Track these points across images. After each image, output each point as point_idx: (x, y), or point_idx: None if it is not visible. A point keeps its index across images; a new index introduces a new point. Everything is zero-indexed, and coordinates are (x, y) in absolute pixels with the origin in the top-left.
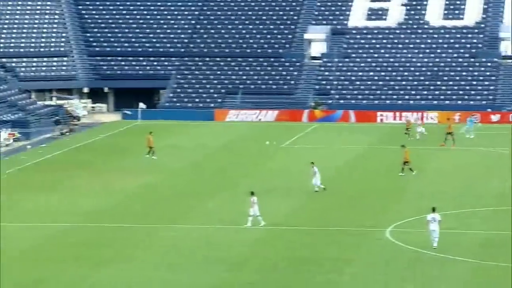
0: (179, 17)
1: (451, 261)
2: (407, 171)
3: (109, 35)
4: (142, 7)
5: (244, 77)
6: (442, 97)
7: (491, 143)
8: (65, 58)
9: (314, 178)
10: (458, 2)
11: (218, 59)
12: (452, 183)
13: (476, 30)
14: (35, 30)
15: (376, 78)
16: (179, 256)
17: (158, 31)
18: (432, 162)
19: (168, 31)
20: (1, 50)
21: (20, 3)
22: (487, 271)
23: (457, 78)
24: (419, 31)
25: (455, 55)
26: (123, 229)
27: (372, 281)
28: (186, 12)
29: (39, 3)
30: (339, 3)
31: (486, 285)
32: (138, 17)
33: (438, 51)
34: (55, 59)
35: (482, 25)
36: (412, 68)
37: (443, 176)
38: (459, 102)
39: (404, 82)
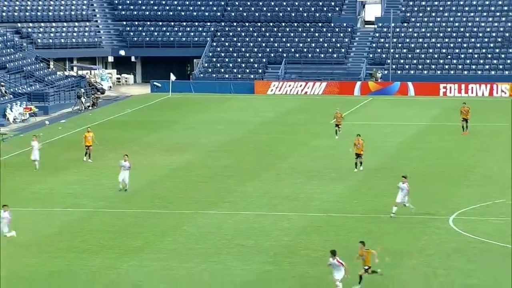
0: None
1: None
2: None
3: None
4: None
5: (288, 45)
6: None
7: None
8: (87, 23)
9: (121, 174)
10: None
11: (259, 24)
12: None
13: None
14: None
15: (438, 45)
16: (214, 245)
17: None
18: (502, 141)
19: None
20: (16, 14)
21: None
22: None
23: None
24: None
25: None
26: (152, 215)
27: (432, 276)
28: None
29: None
30: None
31: None
32: None
33: (511, 14)
34: (76, 24)
35: None
36: (480, 34)
37: None
38: None
39: (470, 50)
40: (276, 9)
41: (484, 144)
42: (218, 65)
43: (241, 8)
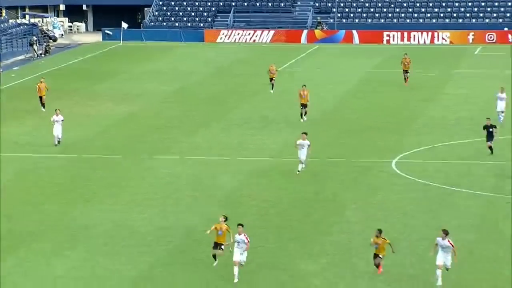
0: None
1: (462, 194)
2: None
3: None
4: None
5: None
6: (454, 14)
7: (509, 65)
8: None
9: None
10: None
11: None
12: (465, 110)
13: None
14: None
15: None
16: (165, 191)
17: None
18: (444, 89)
19: None
20: None
21: None
22: (500, 204)
23: None
24: None
25: None
26: (104, 162)
27: (376, 217)
28: None
29: None
30: None
31: (498, 219)
32: None
33: None
34: None
35: None
36: None
37: (455, 103)
38: (473, 20)
39: None
40: None
41: (425, 92)
42: (168, 13)
43: None
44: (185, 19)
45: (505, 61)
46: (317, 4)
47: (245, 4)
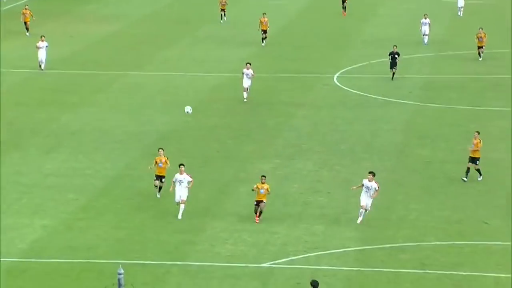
0: None
1: (393, 103)
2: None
3: None
4: None
5: None
6: None
7: None
8: None
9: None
10: None
11: None
12: (396, 30)
13: None
14: None
15: None
16: (140, 100)
17: None
18: (378, 13)
19: None
20: None
21: None
22: (425, 112)
23: None
24: None
25: None
26: (86, 76)
27: (320, 123)
28: None
29: None
30: None
31: (424, 124)
32: None
33: None
34: None
35: None
36: None
37: (389, 22)
38: None
39: None
40: None
41: (361, 16)
42: None
43: None
44: None
45: None
46: None
47: None
